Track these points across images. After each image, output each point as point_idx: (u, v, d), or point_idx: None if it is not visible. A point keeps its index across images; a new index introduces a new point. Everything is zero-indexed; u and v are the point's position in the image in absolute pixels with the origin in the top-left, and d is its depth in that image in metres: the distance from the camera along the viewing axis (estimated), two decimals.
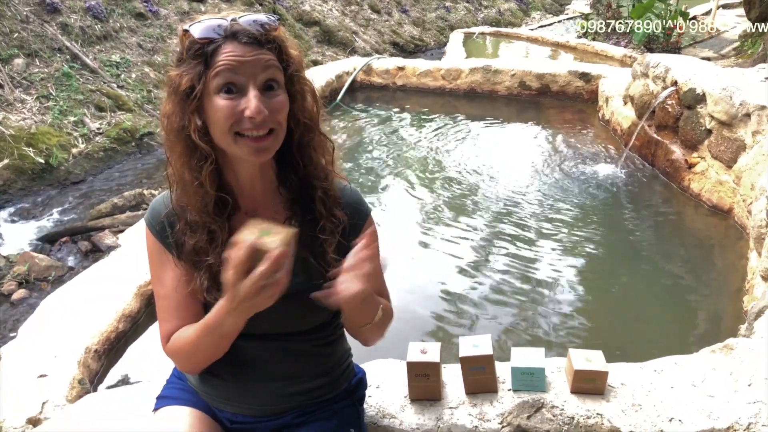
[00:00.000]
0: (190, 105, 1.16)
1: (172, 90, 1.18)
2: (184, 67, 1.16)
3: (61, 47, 6.49)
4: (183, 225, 1.27)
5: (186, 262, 1.28)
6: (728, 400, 1.76)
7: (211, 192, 1.22)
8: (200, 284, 1.26)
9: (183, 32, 1.18)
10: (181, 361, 1.34)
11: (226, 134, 1.16)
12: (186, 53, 1.17)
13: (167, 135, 1.22)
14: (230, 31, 1.15)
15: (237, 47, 1.14)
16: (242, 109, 1.13)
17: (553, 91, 6.95)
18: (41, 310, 2.64)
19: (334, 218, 1.31)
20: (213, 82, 1.14)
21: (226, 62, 1.13)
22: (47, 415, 2.01)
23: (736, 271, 3.49)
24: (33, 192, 5.05)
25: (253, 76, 1.14)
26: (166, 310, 1.31)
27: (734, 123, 3.95)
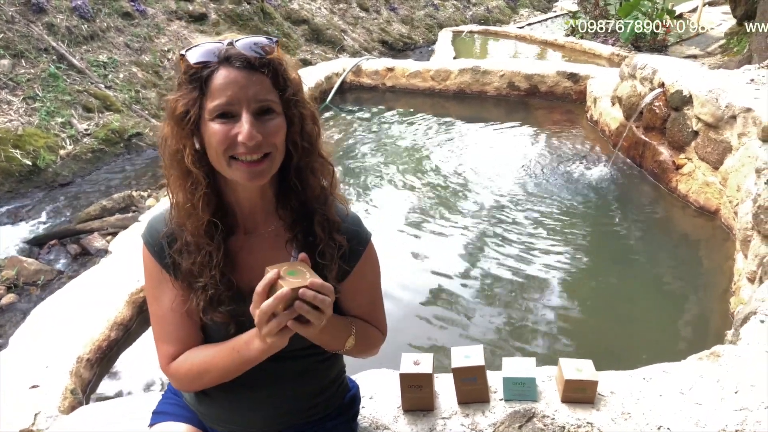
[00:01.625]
0: (184, 129, 1.17)
1: (169, 114, 1.18)
2: (180, 92, 1.17)
3: (47, 47, 6.43)
4: (180, 245, 1.27)
5: (182, 282, 1.28)
6: (715, 408, 1.79)
7: (203, 215, 1.22)
8: (196, 305, 1.26)
9: (180, 57, 1.18)
10: (187, 381, 1.34)
11: (221, 158, 1.16)
12: (183, 78, 1.17)
13: (164, 157, 1.23)
14: (224, 55, 1.15)
15: (231, 72, 1.14)
16: (235, 134, 1.14)
17: (541, 91, 6.99)
18: (32, 318, 2.64)
19: (333, 242, 1.31)
20: (208, 107, 1.15)
21: (220, 89, 1.13)
22: (40, 426, 2.01)
23: (723, 272, 3.54)
24: (20, 194, 5.01)
25: (247, 100, 1.14)
26: (166, 331, 1.32)
27: (720, 125, 4.00)
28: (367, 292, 1.44)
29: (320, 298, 1.09)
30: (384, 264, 1.45)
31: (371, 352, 1.48)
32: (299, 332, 1.12)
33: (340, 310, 1.41)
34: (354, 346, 1.37)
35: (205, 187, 1.21)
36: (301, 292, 1.08)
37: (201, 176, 1.19)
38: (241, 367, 1.25)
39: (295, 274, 1.12)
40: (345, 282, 1.36)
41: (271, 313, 1.08)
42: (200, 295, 1.25)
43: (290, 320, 1.09)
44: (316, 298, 1.09)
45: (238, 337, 1.24)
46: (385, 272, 3.51)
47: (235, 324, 1.27)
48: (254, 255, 1.30)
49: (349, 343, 1.35)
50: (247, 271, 1.30)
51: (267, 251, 1.30)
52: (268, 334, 1.09)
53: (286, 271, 1.12)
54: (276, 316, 1.08)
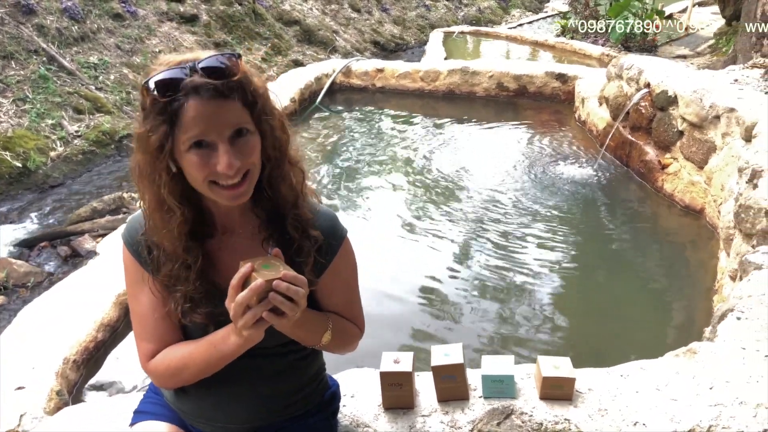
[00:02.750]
0: (160, 163, 1.16)
1: (142, 147, 1.17)
2: (149, 124, 1.14)
3: (37, 49, 6.43)
4: (157, 254, 1.29)
5: (161, 282, 1.30)
6: (690, 404, 1.82)
7: (181, 239, 1.24)
8: (174, 308, 1.28)
9: (143, 88, 1.14)
10: (165, 377, 1.35)
11: (202, 185, 1.17)
12: (150, 109, 1.14)
13: (138, 183, 1.23)
14: (191, 86, 1.12)
15: (200, 103, 1.12)
16: (214, 164, 1.14)
17: (530, 92, 7.03)
18: (19, 320, 2.65)
19: (308, 239, 1.33)
20: (181, 140, 1.13)
21: (191, 122, 1.12)
22: (25, 427, 2.03)
23: (708, 270, 3.57)
24: (10, 196, 5.02)
25: (220, 130, 1.14)
26: (145, 329, 1.34)
27: (704, 125, 4.04)
28: (344, 288, 1.46)
29: (293, 290, 1.11)
30: (371, 263, 1.47)
31: (349, 347, 1.50)
32: (274, 324, 1.14)
33: (318, 306, 1.43)
34: (331, 341, 1.39)
35: (181, 215, 1.21)
36: (275, 284, 1.11)
37: (176, 205, 1.20)
38: (219, 362, 1.27)
39: (270, 267, 1.14)
40: (322, 278, 1.38)
41: (245, 305, 1.10)
42: (179, 299, 1.27)
43: (265, 312, 1.12)
44: (290, 289, 1.11)
45: (215, 332, 1.26)
46: (373, 271, 3.55)
47: (214, 324, 1.28)
48: (232, 254, 1.32)
49: (325, 338, 1.37)
50: (225, 270, 1.31)
51: (245, 250, 1.32)
52: (244, 327, 1.11)
53: (261, 264, 1.14)
54: (251, 309, 1.10)
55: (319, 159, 5.49)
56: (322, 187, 4.83)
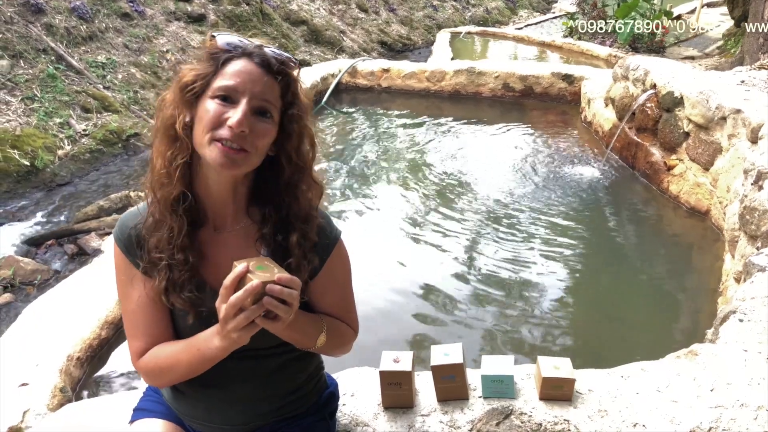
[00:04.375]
0: (185, 97, 1.22)
1: (176, 80, 1.24)
2: (196, 65, 1.23)
3: (45, 48, 6.47)
4: (148, 223, 1.30)
5: (148, 265, 1.30)
6: (691, 405, 1.82)
7: (177, 186, 1.25)
8: (157, 285, 1.29)
9: (210, 36, 1.25)
10: (153, 376, 1.37)
11: (204, 135, 1.19)
12: (204, 55, 1.24)
13: (156, 119, 1.28)
14: (249, 50, 1.22)
15: (247, 64, 1.21)
16: (226, 118, 1.18)
17: (536, 92, 7.02)
18: (23, 317, 2.67)
19: (305, 260, 1.34)
20: (213, 86, 1.20)
21: (232, 74, 1.20)
22: (29, 424, 2.04)
23: (713, 272, 3.56)
24: (18, 194, 5.05)
25: (251, 94, 1.19)
26: (135, 327, 1.35)
27: (711, 126, 4.03)
28: (338, 290, 1.46)
29: (287, 292, 1.12)
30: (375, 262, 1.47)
31: (343, 349, 1.50)
32: (267, 328, 1.15)
33: (312, 308, 1.43)
34: (325, 344, 1.39)
35: (184, 158, 1.24)
36: (269, 288, 1.11)
37: (185, 145, 1.23)
38: (203, 364, 1.28)
39: (264, 268, 1.14)
40: (315, 280, 1.39)
41: (239, 306, 1.10)
42: (162, 275, 1.28)
43: (258, 318, 1.12)
44: (283, 292, 1.11)
45: (199, 334, 1.26)
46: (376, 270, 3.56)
47: (194, 313, 1.29)
48: (222, 251, 1.33)
49: (320, 341, 1.37)
50: (214, 265, 1.33)
51: (235, 248, 1.33)
52: (235, 329, 1.12)
53: (255, 265, 1.14)
54: (243, 311, 1.11)
55: (324, 159, 5.50)
56: (327, 187, 4.84)
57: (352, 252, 1.50)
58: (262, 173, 1.30)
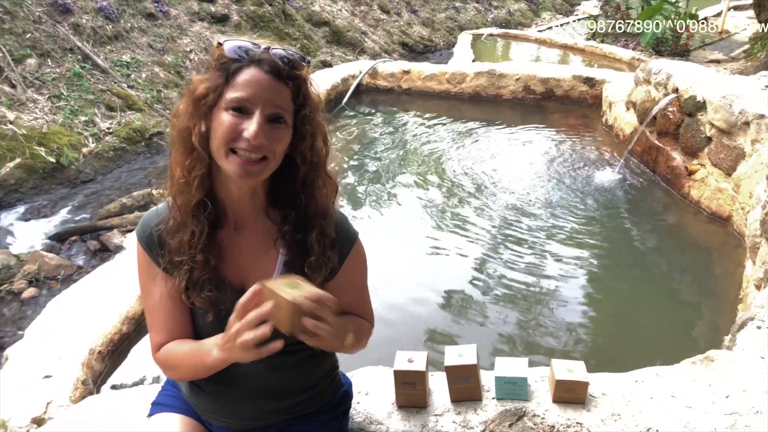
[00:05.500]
0: (199, 110, 1.23)
1: (189, 92, 1.25)
2: (207, 76, 1.24)
3: (72, 47, 6.59)
4: (169, 226, 1.33)
5: (168, 265, 1.34)
6: (706, 411, 1.81)
7: (195, 194, 1.28)
8: (178, 285, 1.32)
9: (217, 45, 1.25)
10: (167, 370, 1.42)
11: (222, 148, 1.22)
12: (213, 64, 1.25)
13: (172, 131, 1.31)
14: (257, 57, 1.22)
15: (258, 73, 1.21)
16: (242, 129, 1.19)
17: (557, 95, 6.99)
18: (47, 311, 2.73)
19: (325, 257, 1.37)
20: (226, 97, 1.21)
21: (243, 84, 1.20)
22: (51, 415, 2.09)
23: (734, 279, 3.52)
24: (44, 191, 5.15)
25: (264, 104, 1.21)
26: (155, 322, 1.39)
27: (733, 131, 3.98)
28: (356, 289, 1.49)
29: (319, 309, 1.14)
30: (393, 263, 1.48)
31: (363, 345, 1.53)
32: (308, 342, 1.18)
33: None
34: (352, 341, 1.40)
35: (202, 168, 1.26)
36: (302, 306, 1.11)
37: (202, 156, 1.25)
38: (204, 371, 1.32)
39: (294, 287, 1.15)
40: (333, 280, 1.41)
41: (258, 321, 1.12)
42: (183, 275, 1.31)
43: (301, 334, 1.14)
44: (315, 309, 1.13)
45: (205, 341, 1.29)
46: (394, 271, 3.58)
47: (214, 312, 1.32)
48: (242, 251, 1.36)
49: (348, 342, 1.38)
50: (233, 265, 1.36)
51: (255, 249, 1.36)
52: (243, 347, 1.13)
53: (286, 284, 1.15)
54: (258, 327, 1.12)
55: (343, 159, 5.53)
56: (345, 188, 4.87)
57: (369, 251, 1.53)
58: (279, 173, 1.32)
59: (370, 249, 1.54)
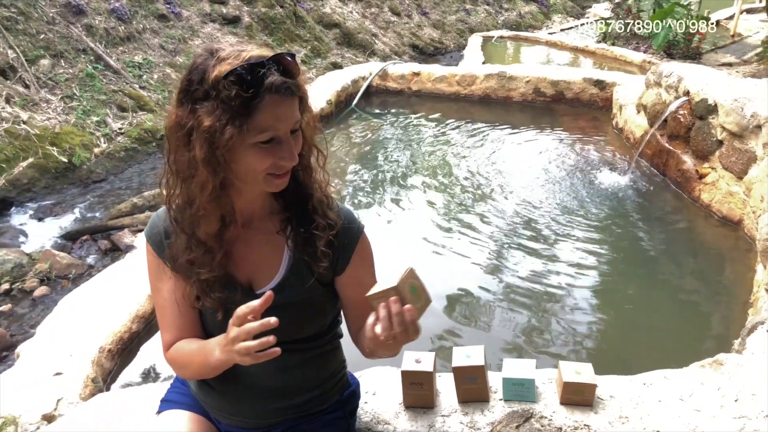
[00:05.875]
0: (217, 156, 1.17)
1: (206, 136, 1.15)
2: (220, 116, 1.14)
3: (85, 48, 6.65)
4: (180, 240, 1.32)
5: (179, 272, 1.35)
6: (714, 415, 1.81)
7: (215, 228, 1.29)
8: (189, 293, 1.34)
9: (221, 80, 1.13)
10: (177, 369, 1.45)
11: (257, 176, 1.22)
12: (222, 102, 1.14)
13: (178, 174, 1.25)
14: (269, 84, 1.14)
15: (278, 101, 1.16)
16: (279, 157, 1.20)
17: (567, 98, 6.97)
18: (58, 310, 2.75)
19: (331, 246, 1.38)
20: (253, 133, 1.16)
21: (270, 118, 1.16)
22: (61, 412, 2.11)
23: (745, 283, 3.50)
24: (56, 190, 5.20)
25: (287, 126, 1.20)
26: (165, 320, 1.41)
27: (745, 134, 3.96)
28: (369, 279, 1.49)
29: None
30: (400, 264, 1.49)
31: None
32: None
33: (347, 302, 1.48)
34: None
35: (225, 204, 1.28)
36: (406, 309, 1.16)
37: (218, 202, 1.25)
38: (210, 370, 1.33)
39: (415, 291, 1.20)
40: (342, 275, 1.43)
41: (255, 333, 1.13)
42: (195, 284, 1.33)
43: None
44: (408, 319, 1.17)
45: (210, 341, 1.31)
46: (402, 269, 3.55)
47: (223, 311, 1.33)
48: (249, 247, 1.38)
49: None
50: (242, 261, 1.37)
51: (262, 244, 1.38)
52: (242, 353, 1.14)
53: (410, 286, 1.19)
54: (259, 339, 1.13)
55: (353, 161, 5.54)
56: (355, 189, 4.88)
57: (377, 251, 1.54)
58: None
59: (378, 249, 1.55)
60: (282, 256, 1.39)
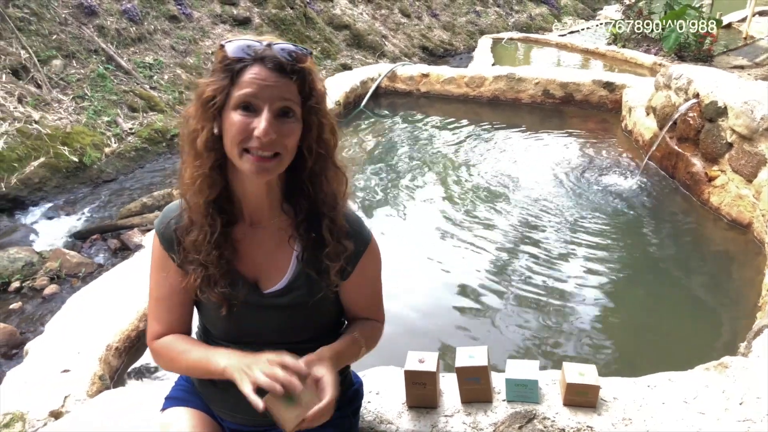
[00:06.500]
0: (207, 113, 1.25)
1: (197, 96, 1.27)
2: (212, 78, 1.25)
3: (97, 49, 6.70)
4: (185, 223, 1.36)
5: (183, 261, 1.37)
6: (718, 418, 1.80)
7: (207, 195, 1.31)
8: (192, 282, 1.36)
9: (219, 47, 1.26)
10: (161, 361, 1.47)
11: (235, 148, 1.24)
12: (218, 66, 1.25)
13: (181, 135, 1.33)
14: (260, 54, 1.22)
15: (262, 71, 1.21)
16: (253, 128, 1.21)
17: (576, 99, 6.95)
18: (67, 307, 2.78)
19: (340, 245, 1.39)
20: (233, 98, 1.22)
21: (249, 83, 1.21)
22: (69, 408, 2.13)
23: (753, 286, 3.48)
24: (67, 190, 5.24)
25: (271, 100, 1.21)
26: (158, 312, 1.44)
27: (755, 137, 3.94)
28: (368, 288, 1.51)
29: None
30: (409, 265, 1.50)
31: (374, 347, 1.56)
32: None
33: (343, 305, 1.50)
34: (365, 353, 1.50)
35: (209, 170, 1.28)
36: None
37: (209, 160, 1.27)
38: (204, 373, 1.36)
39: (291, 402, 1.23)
40: (347, 281, 1.44)
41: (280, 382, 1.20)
42: (198, 272, 1.34)
43: None
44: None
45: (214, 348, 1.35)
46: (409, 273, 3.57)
47: (227, 306, 1.35)
48: (257, 246, 1.39)
49: (361, 354, 1.48)
50: (248, 260, 1.39)
51: (270, 244, 1.39)
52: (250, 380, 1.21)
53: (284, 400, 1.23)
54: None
55: (361, 162, 5.55)
56: (364, 190, 4.90)
57: (385, 251, 1.55)
58: (289, 167, 1.33)
59: (386, 249, 1.56)
60: (290, 257, 1.40)
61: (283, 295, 1.40)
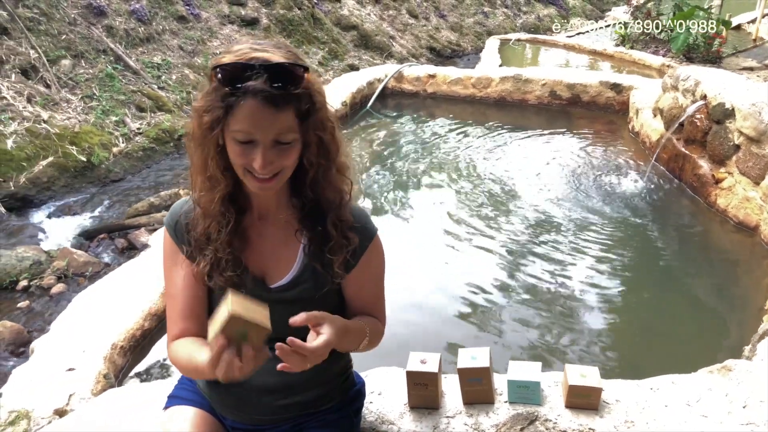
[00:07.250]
0: (209, 139, 1.26)
1: (197, 120, 1.26)
2: (209, 101, 1.23)
3: (105, 49, 6.74)
4: (196, 214, 1.38)
5: (194, 250, 1.39)
6: (721, 421, 1.80)
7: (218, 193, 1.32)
8: (202, 268, 1.37)
9: (212, 71, 1.22)
10: (179, 369, 1.46)
11: (238, 169, 1.27)
12: (212, 89, 1.23)
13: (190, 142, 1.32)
14: (251, 88, 1.17)
15: (255, 105, 1.17)
16: (251, 159, 1.22)
17: (583, 101, 6.93)
18: (72, 306, 2.80)
19: (345, 239, 1.40)
20: (230, 128, 1.21)
21: (242, 119, 1.19)
22: (73, 406, 2.15)
23: (760, 289, 3.47)
24: (74, 189, 5.27)
25: (264, 135, 1.20)
26: (174, 311, 1.44)
27: (763, 139, 3.92)
28: (372, 284, 1.52)
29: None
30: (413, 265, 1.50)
31: (375, 345, 1.55)
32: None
33: (345, 300, 1.50)
34: (367, 347, 1.47)
35: (224, 187, 1.31)
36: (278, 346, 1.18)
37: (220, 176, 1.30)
38: (200, 376, 1.37)
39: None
40: (350, 275, 1.44)
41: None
42: (208, 259, 1.36)
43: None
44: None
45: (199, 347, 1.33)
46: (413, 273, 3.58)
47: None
48: (264, 238, 1.41)
49: (363, 345, 1.45)
50: (256, 253, 1.40)
51: (277, 237, 1.41)
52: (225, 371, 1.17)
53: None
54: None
55: (367, 162, 5.56)
56: (370, 190, 4.90)
57: (389, 251, 1.55)
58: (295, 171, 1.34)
59: (390, 249, 1.57)
60: (297, 252, 1.42)
61: (289, 289, 1.41)
